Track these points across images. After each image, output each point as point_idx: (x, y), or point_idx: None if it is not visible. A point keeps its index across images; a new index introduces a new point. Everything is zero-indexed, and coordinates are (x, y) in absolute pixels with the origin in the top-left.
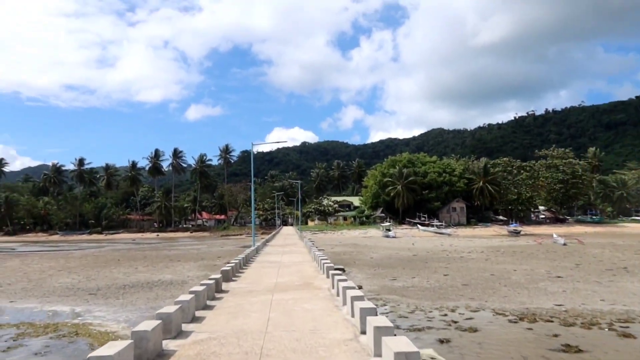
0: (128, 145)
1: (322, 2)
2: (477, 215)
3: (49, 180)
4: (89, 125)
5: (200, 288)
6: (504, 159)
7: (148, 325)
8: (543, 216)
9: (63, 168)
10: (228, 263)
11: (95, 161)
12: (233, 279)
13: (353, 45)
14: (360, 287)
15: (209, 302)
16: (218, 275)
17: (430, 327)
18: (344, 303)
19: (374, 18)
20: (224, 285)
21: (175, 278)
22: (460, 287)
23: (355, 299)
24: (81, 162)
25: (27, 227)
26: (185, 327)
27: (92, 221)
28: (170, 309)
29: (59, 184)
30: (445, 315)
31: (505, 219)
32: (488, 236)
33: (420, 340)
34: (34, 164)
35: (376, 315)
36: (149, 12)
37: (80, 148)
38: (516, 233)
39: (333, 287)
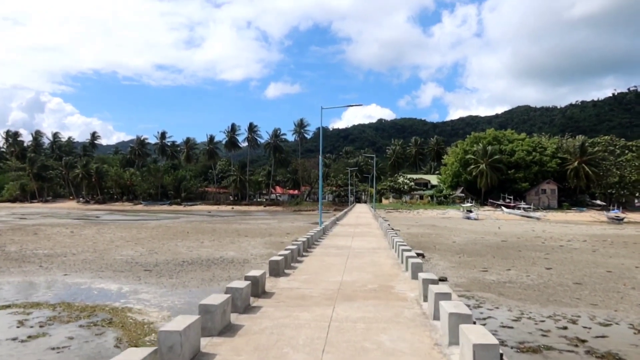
0: (211, 122)
1: None
2: (570, 199)
3: (134, 153)
4: (176, 103)
5: (221, 299)
6: (605, 137)
7: None
8: None
9: (147, 141)
10: (285, 249)
11: (180, 136)
12: (286, 271)
13: (435, 21)
14: (444, 280)
15: (233, 320)
16: (259, 272)
17: (549, 347)
18: (451, 340)
19: None
20: (270, 284)
21: (238, 256)
22: (571, 286)
23: (481, 350)
24: (163, 135)
25: (115, 197)
26: None
27: (172, 192)
28: (139, 353)
29: (143, 157)
30: (565, 328)
31: (603, 203)
32: (585, 222)
33: None
34: (127, 138)
35: None
36: None
37: (168, 124)
38: (618, 220)
39: (424, 300)
